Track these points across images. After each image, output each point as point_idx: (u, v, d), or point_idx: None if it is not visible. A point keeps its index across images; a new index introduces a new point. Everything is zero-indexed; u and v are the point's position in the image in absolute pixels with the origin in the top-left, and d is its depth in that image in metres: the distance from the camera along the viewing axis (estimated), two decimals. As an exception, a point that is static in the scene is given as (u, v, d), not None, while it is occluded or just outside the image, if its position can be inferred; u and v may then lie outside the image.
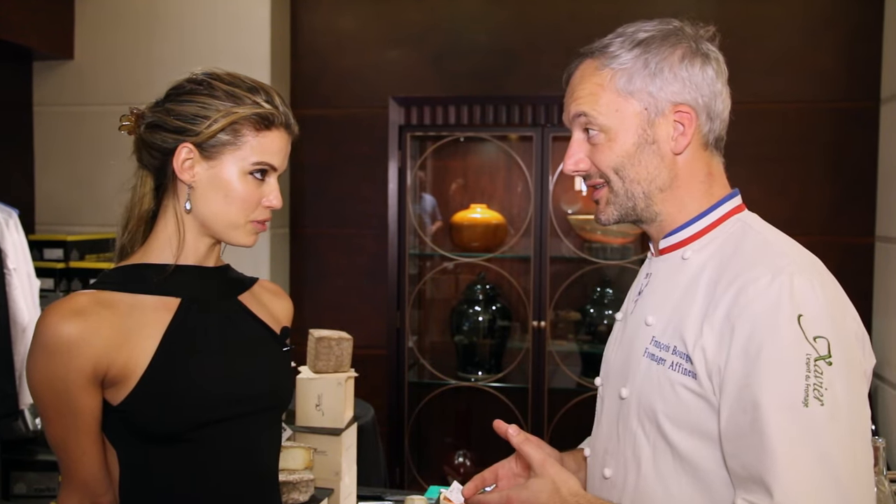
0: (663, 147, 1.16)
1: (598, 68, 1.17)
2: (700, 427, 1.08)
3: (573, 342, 3.61)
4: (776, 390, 1.00)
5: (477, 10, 3.69)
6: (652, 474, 1.14)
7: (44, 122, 3.74)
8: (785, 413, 0.99)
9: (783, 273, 1.04)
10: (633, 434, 1.17)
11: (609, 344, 1.32)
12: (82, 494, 1.23)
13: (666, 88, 1.14)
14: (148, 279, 1.24)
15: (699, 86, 1.15)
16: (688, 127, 1.15)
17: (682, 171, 1.17)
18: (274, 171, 1.26)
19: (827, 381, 0.99)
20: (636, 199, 1.18)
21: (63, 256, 3.39)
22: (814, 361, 0.99)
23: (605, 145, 1.17)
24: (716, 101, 1.17)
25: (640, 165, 1.16)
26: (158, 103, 1.26)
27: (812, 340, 1.00)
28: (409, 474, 3.61)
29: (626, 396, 1.19)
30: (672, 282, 1.18)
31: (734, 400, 1.04)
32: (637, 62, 1.15)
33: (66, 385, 1.16)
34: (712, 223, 1.18)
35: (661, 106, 1.15)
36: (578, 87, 1.19)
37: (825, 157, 3.42)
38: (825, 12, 3.41)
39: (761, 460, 0.99)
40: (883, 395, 3.06)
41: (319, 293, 3.82)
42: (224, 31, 3.56)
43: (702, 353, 1.07)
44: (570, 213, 3.58)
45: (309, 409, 2.04)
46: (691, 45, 1.16)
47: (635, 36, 1.16)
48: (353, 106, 3.76)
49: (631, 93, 1.15)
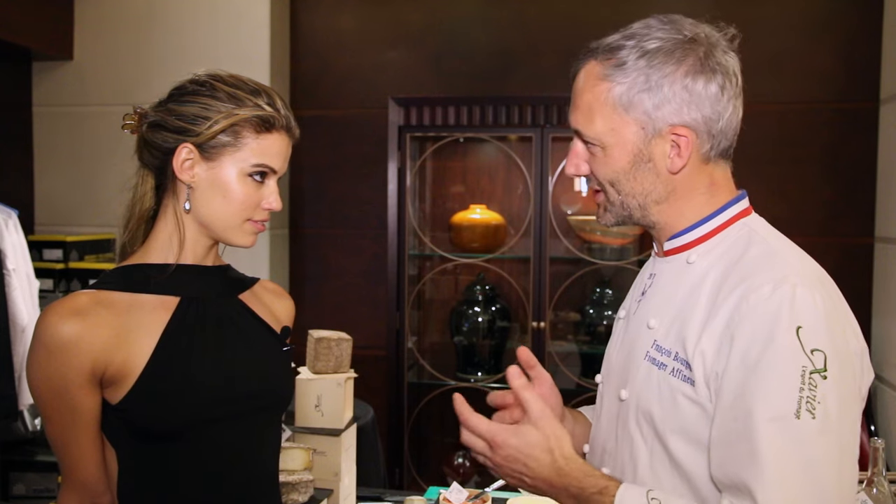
0: (659, 165, 1.14)
1: (599, 78, 1.14)
2: (696, 435, 1.08)
3: (573, 342, 3.61)
4: (769, 400, 1.00)
5: (476, 11, 3.69)
6: (648, 477, 1.14)
7: (43, 123, 3.74)
8: (776, 424, 0.99)
9: (786, 283, 1.03)
10: (630, 436, 1.17)
11: (610, 342, 1.32)
12: (81, 494, 1.24)
13: (664, 108, 1.11)
14: (147, 279, 1.24)
15: (700, 105, 1.11)
16: (684, 149, 1.13)
17: (680, 185, 1.16)
18: (274, 174, 1.26)
19: (820, 395, 0.99)
20: (632, 210, 1.18)
21: (62, 257, 3.39)
22: (809, 374, 0.99)
23: (601, 158, 1.17)
24: (720, 120, 1.13)
25: (635, 181, 1.16)
26: (161, 103, 1.26)
27: (809, 353, 1.00)
28: (409, 475, 3.61)
29: (625, 398, 1.19)
30: (676, 285, 1.17)
31: (728, 408, 1.03)
32: (639, 77, 1.11)
33: (66, 384, 1.16)
34: (718, 227, 1.17)
35: (658, 126, 1.12)
36: (579, 96, 1.17)
37: (824, 157, 3.42)
38: (824, 13, 3.41)
39: (748, 468, 0.99)
40: (882, 396, 3.05)
41: (319, 294, 3.82)
42: (223, 32, 3.56)
43: (701, 359, 1.07)
44: (569, 213, 3.58)
45: (308, 410, 2.04)
46: (699, 58, 1.11)
47: (644, 45, 1.12)
48: (352, 106, 3.76)
49: (627, 111, 1.12)
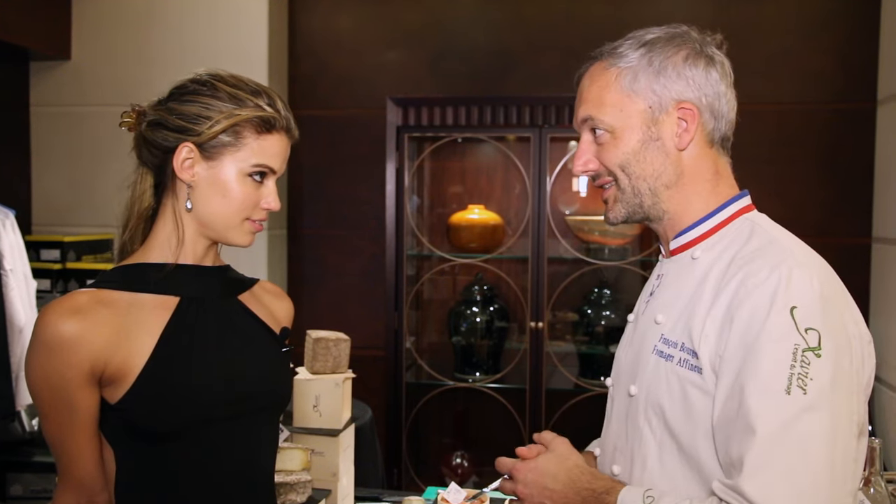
0: (668, 144, 1.19)
1: (605, 68, 1.21)
2: (704, 424, 1.10)
3: (571, 343, 3.61)
4: (761, 377, 1.02)
5: (474, 11, 3.69)
6: (657, 469, 1.15)
7: (41, 123, 3.74)
8: (767, 398, 1.01)
9: (782, 266, 1.06)
10: (640, 430, 1.19)
11: (620, 345, 1.34)
12: (78, 493, 1.23)
13: (670, 86, 1.18)
14: (147, 278, 1.24)
15: (702, 86, 1.18)
16: (691, 123, 1.18)
17: (688, 168, 1.20)
18: (273, 174, 1.27)
19: (813, 372, 1.01)
20: (643, 196, 1.21)
21: (60, 257, 3.39)
22: (802, 352, 1.02)
23: (610, 144, 1.21)
24: (719, 101, 1.20)
25: (645, 162, 1.19)
26: (161, 102, 1.26)
27: (803, 332, 1.02)
28: (407, 475, 3.61)
29: (634, 394, 1.21)
30: (682, 281, 1.20)
31: (728, 388, 1.06)
32: (642, 60, 1.18)
33: (64, 383, 1.16)
34: (721, 222, 1.20)
35: (664, 103, 1.18)
36: (586, 91, 1.24)
37: (822, 158, 3.42)
38: (821, 14, 3.41)
39: (742, 443, 1.02)
40: (879, 396, 3.06)
41: (317, 294, 3.82)
42: (222, 32, 3.56)
43: (706, 346, 1.10)
44: (567, 213, 3.58)
45: (307, 410, 2.04)
46: (696, 47, 1.20)
47: (642, 37, 1.21)
48: (350, 107, 3.76)
49: (635, 91, 1.19)
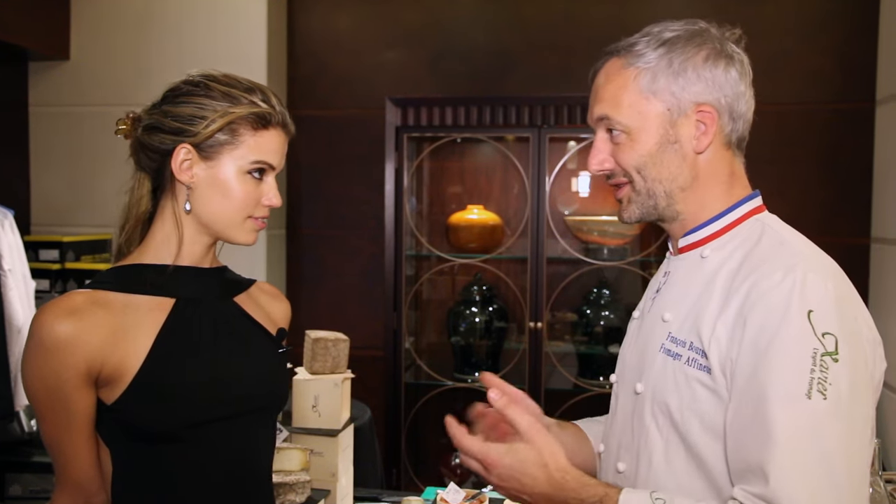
0: (685, 146, 1.17)
1: (622, 67, 1.19)
2: (712, 423, 1.10)
3: (570, 343, 3.61)
4: (781, 382, 1.01)
5: (474, 11, 3.69)
6: (663, 467, 1.15)
7: (40, 123, 3.73)
8: (788, 404, 1.00)
9: (796, 269, 1.06)
10: (646, 428, 1.18)
11: (625, 342, 1.33)
12: (75, 494, 1.23)
13: (689, 88, 1.16)
14: (144, 279, 1.24)
15: (722, 86, 1.16)
16: (709, 126, 1.16)
17: (704, 170, 1.19)
18: (272, 170, 1.27)
19: (832, 377, 1.01)
20: (657, 198, 1.20)
21: (59, 257, 3.38)
22: (820, 356, 1.01)
23: (627, 144, 1.19)
24: (738, 101, 1.18)
25: (661, 165, 1.18)
26: (155, 106, 1.26)
27: (820, 336, 1.02)
28: (406, 475, 3.61)
29: (640, 391, 1.20)
30: (690, 279, 1.19)
31: (742, 391, 1.05)
32: (661, 61, 1.16)
33: (61, 383, 1.16)
34: (732, 222, 1.19)
35: (683, 106, 1.16)
36: (602, 89, 1.21)
37: (821, 158, 3.42)
38: (821, 14, 3.41)
39: (761, 449, 1.01)
40: (879, 397, 3.06)
41: (316, 294, 3.82)
42: (220, 33, 3.55)
43: (717, 347, 1.09)
44: (566, 214, 3.58)
45: (305, 411, 2.03)
46: (716, 46, 1.17)
47: (661, 35, 1.18)
48: (349, 107, 3.76)
49: (654, 93, 1.16)
